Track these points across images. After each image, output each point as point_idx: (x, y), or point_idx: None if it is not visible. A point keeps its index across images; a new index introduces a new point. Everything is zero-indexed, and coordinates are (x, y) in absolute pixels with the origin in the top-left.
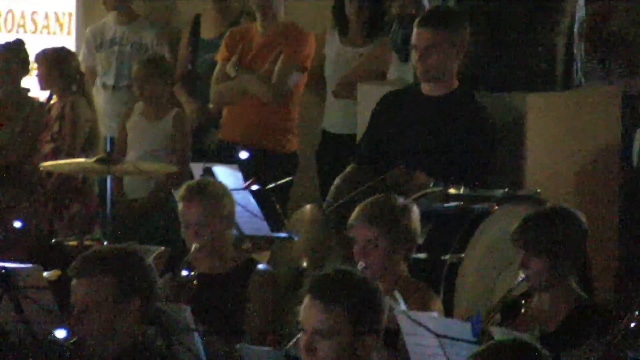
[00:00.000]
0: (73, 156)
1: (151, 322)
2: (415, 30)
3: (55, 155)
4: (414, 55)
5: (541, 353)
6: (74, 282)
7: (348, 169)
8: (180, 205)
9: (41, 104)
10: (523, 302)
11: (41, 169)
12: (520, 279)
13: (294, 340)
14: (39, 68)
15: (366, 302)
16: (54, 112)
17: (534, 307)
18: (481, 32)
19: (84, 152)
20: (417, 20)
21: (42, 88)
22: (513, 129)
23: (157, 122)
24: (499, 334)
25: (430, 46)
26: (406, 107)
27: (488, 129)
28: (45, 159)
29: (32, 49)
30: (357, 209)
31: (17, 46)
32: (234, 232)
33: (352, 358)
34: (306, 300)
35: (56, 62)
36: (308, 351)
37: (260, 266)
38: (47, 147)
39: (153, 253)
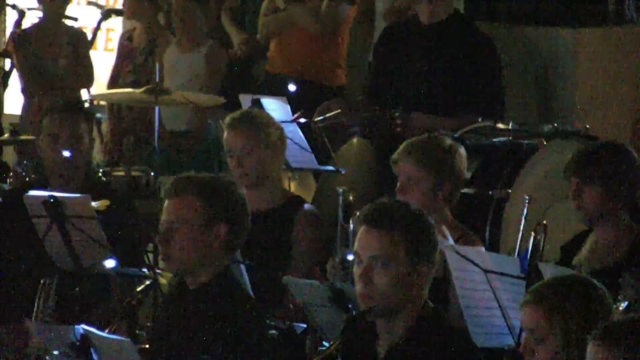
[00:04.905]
0: None
1: None
2: None
3: (135, 87)
4: None
5: (597, 286)
6: (166, 202)
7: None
8: (225, 133)
9: (84, 34)
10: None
11: (92, 98)
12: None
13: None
14: None
15: (422, 232)
16: (138, 43)
17: (590, 245)
18: None
19: None
20: None
21: (130, 17)
22: (563, 64)
23: (190, 53)
24: (547, 270)
25: None
26: (406, 39)
27: (489, 55)
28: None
29: None
30: (402, 145)
31: None
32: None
33: (408, 287)
34: (362, 230)
35: None
36: (365, 280)
37: (306, 206)
38: (128, 78)
39: None
